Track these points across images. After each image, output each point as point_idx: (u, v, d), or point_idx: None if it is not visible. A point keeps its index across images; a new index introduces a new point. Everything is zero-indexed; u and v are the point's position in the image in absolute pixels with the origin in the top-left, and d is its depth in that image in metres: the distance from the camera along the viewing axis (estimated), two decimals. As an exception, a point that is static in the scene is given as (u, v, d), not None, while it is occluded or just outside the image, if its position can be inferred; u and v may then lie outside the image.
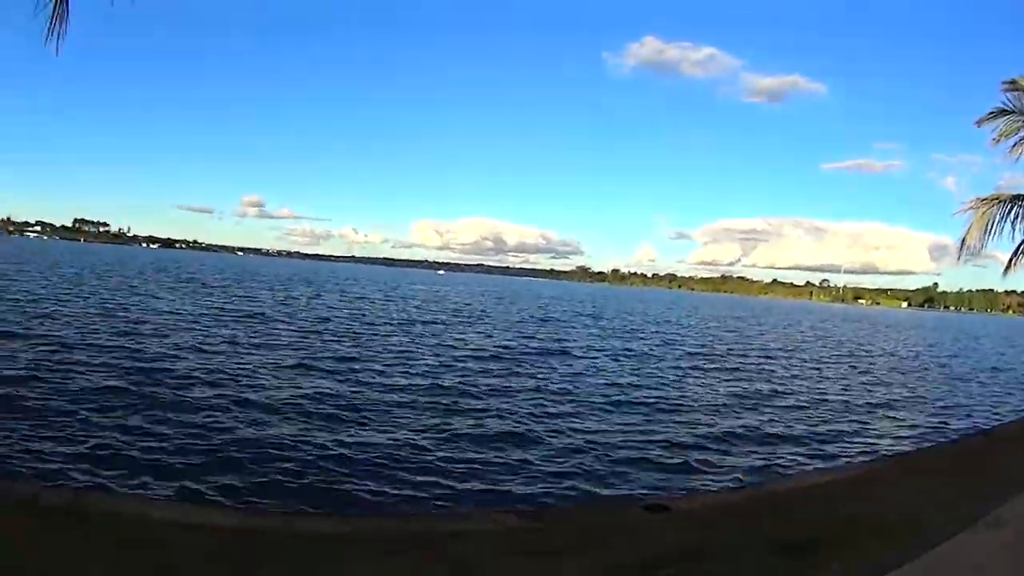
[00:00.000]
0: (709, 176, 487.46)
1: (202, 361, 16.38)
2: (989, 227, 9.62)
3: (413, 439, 10.88)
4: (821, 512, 6.66)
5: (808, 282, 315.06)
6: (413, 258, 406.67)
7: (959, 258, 9.68)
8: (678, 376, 21.24)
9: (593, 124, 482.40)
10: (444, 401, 14.08)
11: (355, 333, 26.24)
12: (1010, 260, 9.59)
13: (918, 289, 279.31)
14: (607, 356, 25.41)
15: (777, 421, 15.02)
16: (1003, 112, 9.28)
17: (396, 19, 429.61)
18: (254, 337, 21.74)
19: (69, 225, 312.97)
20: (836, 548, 5.17)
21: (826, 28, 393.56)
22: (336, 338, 24.03)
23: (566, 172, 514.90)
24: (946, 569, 4.65)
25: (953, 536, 5.14)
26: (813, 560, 4.93)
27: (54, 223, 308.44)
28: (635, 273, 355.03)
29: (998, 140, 9.50)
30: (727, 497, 8.32)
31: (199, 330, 22.46)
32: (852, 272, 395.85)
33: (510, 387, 16.42)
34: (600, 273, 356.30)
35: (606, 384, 18.15)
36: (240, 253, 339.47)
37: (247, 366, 16.19)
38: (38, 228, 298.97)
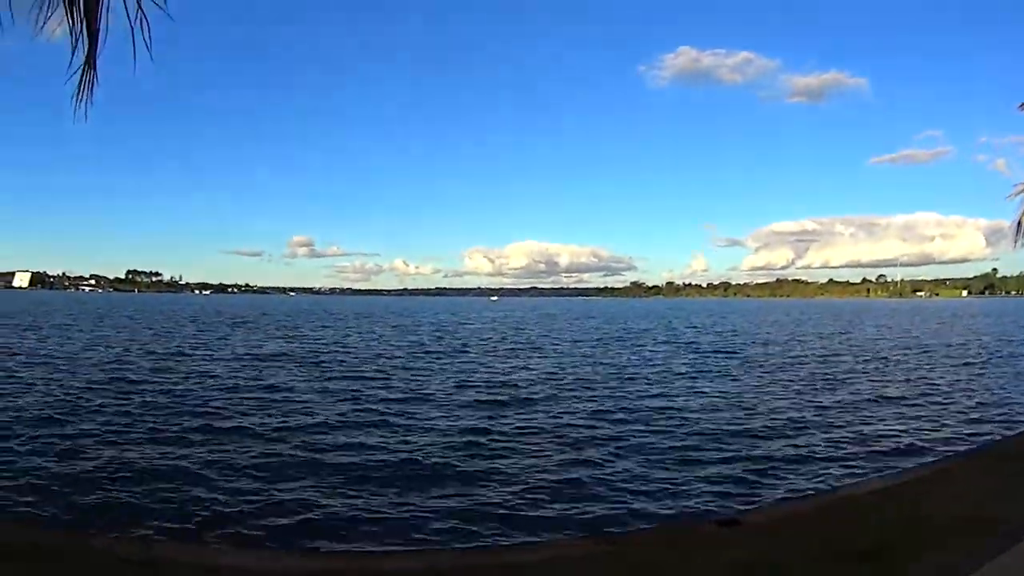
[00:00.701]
0: (756, 181, 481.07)
1: (255, 402, 16.77)
2: (1046, 207, 9.30)
3: (476, 468, 10.98)
4: (894, 516, 6.55)
5: (864, 279, 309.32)
6: (466, 286, 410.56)
7: (1015, 242, 9.39)
8: (739, 386, 21.02)
9: (636, 138, 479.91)
10: (503, 426, 14.24)
11: (407, 365, 26.50)
12: (1071, 241, 9.27)
13: (977, 276, 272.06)
14: (667, 371, 25.19)
15: (843, 424, 14.74)
16: (1045, 94, 8.97)
17: (430, 51, 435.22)
18: (318, 379, 21.99)
19: (122, 277, 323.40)
20: (911, 552, 5.11)
21: (859, 21, 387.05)
22: (388, 370, 24.36)
23: (613, 189, 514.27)
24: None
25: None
26: (888, 566, 4.87)
27: (108, 275, 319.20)
28: (689, 284, 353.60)
29: (1046, 123, 9.18)
30: (798, 507, 8.22)
31: (255, 372, 22.89)
32: (908, 265, 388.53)
33: (571, 409, 16.43)
34: (654, 287, 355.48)
35: (666, 399, 18.05)
36: (292, 293, 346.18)
37: (303, 405, 16.46)
38: (92, 281, 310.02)
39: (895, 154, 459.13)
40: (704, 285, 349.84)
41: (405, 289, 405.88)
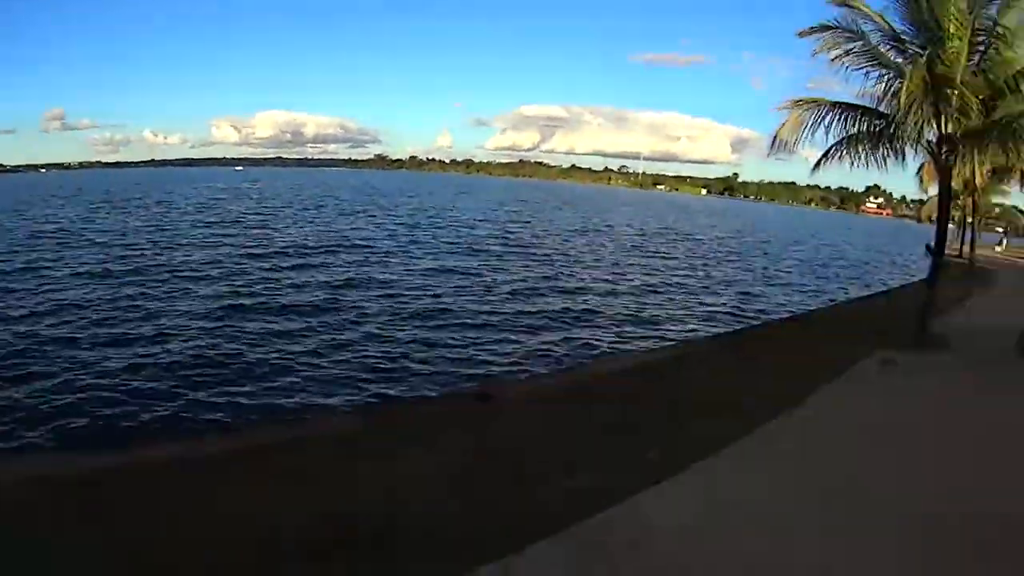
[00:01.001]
0: (509, 63, 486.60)
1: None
2: (804, 127, 10.52)
3: (228, 351, 10.29)
4: (640, 394, 7.26)
5: (607, 168, 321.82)
6: (212, 156, 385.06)
7: (770, 152, 10.59)
8: (487, 264, 21.22)
9: (390, 11, 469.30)
10: (245, 306, 13.35)
11: (149, 245, 22.50)
12: (819, 160, 10.64)
13: (718, 178, 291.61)
14: (411, 246, 24.85)
15: (591, 305, 15.49)
16: (826, 28, 10.07)
17: None
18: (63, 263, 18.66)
19: None
20: (656, 429, 5.71)
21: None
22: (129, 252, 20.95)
23: (363, 60, 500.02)
24: (757, 451, 5.04)
25: (769, 420, 5.67)
26: (632, 441, 5.33)
27: None
28: (433, 160, 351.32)
29: (817, 51, 10.32)
30: (549, 382, 8.74)
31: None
32: (652, 159, 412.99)
33: (309, 283, 16.02)
34: (398, 160, 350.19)
35: (411, 276, 17.92)
36: (44, 171, 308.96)
37: (52, 291, 14.19)
38: None
39: (654, 54, 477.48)
40: (447, 161, 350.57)
41: (153, 160, 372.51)
